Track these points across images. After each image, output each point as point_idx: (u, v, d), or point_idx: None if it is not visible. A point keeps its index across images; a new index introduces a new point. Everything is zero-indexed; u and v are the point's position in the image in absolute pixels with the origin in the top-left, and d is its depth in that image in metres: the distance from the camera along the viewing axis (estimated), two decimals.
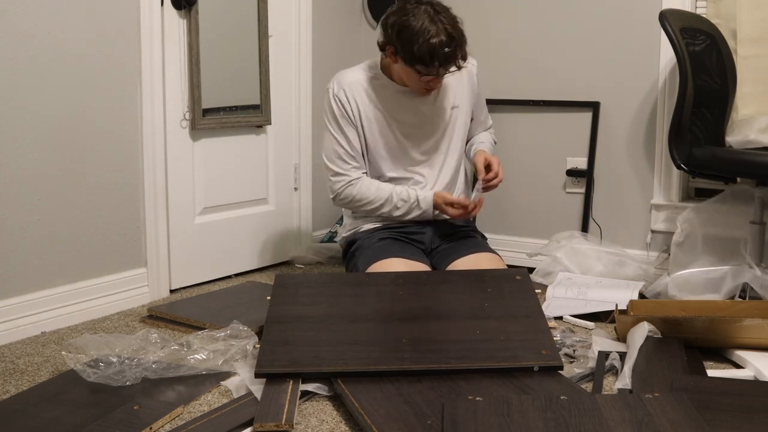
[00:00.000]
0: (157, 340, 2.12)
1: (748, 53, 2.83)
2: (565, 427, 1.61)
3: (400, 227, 2.58)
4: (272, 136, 3.26)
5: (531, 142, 3.32)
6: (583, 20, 3.18)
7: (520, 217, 3.34)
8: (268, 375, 1.91)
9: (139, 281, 2.76)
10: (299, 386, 1.88)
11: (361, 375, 1.91)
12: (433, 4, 2.32)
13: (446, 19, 2.29)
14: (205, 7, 2.87)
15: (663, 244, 3.10)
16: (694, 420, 1.62)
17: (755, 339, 2.13)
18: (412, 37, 2.26)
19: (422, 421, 1.70)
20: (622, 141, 3.17)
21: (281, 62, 3.26)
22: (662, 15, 2.63)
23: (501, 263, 2.49)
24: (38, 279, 2.44)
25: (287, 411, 1.74)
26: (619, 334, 2.29)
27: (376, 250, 2.48)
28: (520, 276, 2.34)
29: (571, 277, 2.91)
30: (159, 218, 2.80)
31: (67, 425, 1.72)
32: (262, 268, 3.26)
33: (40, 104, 2.40)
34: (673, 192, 3.09)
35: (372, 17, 3.65)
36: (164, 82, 2.78)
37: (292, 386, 1.87)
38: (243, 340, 2.14)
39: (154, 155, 2.75)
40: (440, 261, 2.54)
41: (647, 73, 3.08)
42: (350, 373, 1.92)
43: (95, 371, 1.96)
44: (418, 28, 2.26)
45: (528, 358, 1.95)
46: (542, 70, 3.27)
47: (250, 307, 2.59)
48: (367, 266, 2.45)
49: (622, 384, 1.91)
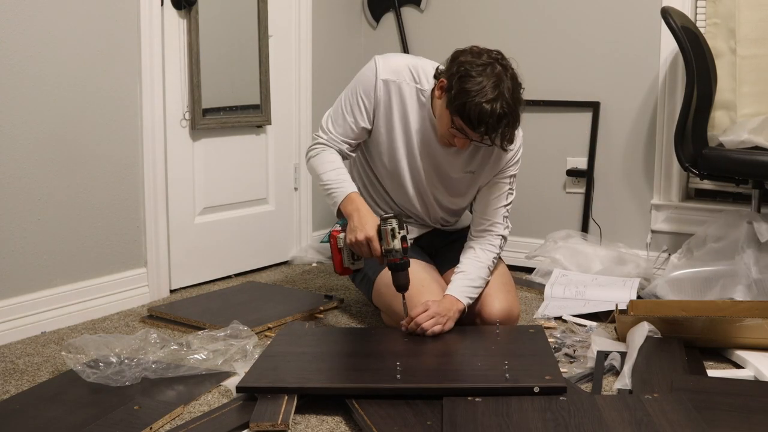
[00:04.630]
0: (157, 340, 2.12)
1: (748, 53, 2.83)
2: (564, 427, 1.61)
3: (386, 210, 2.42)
4: (272, 136, 3.26)
5: (531, 141, 3.29)
6: (583, 20, 3.18)
7: (521, 217, 3.33)
8: (251, 390, 1.84)
9: (139, 281, 2.76)
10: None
11: (349, 395, 1.82)
12: (509, 72, 2.06)
13: (510, 94, 2.03)
14: (205, 7, 2.87)
15: (663, 244, 3.10)
16: (694, 420, 1.62)
17: (755, 339, 2.13)
18: (470, 89, 2.00)
19: (422, 421, 1.70)
20: (622, 141, 3.17)
21: (281, 62, 3.26)
22: (665, 11, 2.63)
23: (501, 264, 2.46)
24: (38, 279, 2.44)
25: (284, 411, 1.73)
26: (619, 334, 2.29)
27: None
28: (533, 329, 2.23)
29: (567, 274, 2.91)
30: (159, 218, 2.80)
31: (67, 425, 1.72)
32: (262, 268, 3.26)
33: (40, 104, 2.40)
34: (673, 192, 3.09)
35: (372, 17, 3.65)
36: (164, 82, 2.78)
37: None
38: (243, 340, 2.14)
39: (154, 155, 2.75)
40: (441, 265, 2.45)
41: (647, 73, 3.08)
42: (337, 390, 1.84)
43: (95, 371, 1.96)
44: (481, 83, 2.00)
45: (529, 381, 1.81)
46: (542, 70, 3.27)
47: (250, 307, 2.59)
48: (377, 273, 2.34)
49: (621, 384, 1.91)
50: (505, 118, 2.02)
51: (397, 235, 2.10)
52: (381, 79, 2.24)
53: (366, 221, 2.13)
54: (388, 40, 3.62)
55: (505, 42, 3.32)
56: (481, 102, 1.99)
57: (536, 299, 2.80)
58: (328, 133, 2.29)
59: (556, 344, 2.23)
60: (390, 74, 2.25)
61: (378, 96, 2.25)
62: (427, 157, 2.30)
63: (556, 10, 3.23)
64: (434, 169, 2.32)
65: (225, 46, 3.03)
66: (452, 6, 3.45)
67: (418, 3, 3.53)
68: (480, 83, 2.01)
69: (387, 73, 2.25)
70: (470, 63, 2.04)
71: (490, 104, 1.99)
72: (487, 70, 2.03)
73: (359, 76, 2.29)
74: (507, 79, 2.04)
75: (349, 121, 2.27)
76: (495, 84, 2.01)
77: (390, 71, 2.25)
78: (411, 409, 1.75)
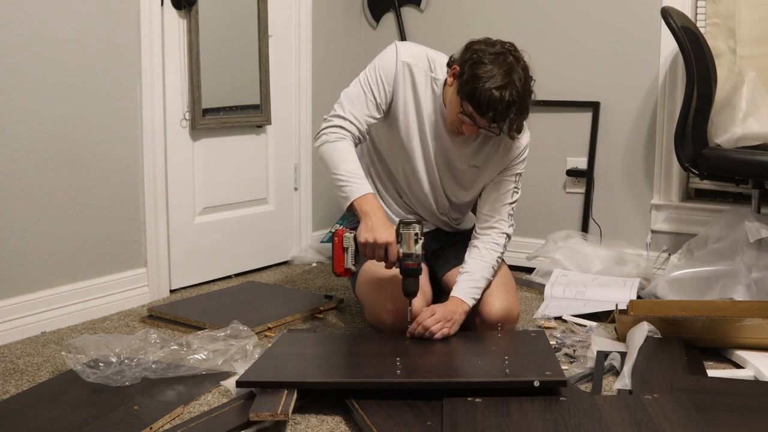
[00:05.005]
0: (157, 340, 2.12)
1: (748, 53, 2.83)
2: (564, 427, 1.61)
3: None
4: (272, 136, 3.26)
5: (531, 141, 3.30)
6: (583, 20, 3.18)
7: (521, 217, 3.31)
8: (251, 384, 1.85)
9: (139, 281, 2.76)
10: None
11: (349, 390, 1.82)
12: (521, 63, 2.08)
13: (521, 84, 2.05)
14: (205, 7, 2.87)
15: (663, 244, 3.10)
16: (694, 420, 1.62)
17: (755, 339, 2.13)
18: (481, 75, 2.03)
19: (422, 421, 1.70)
20: (622, 141, 3.17)
21: (281, 62, 3.26)
22: (665, 11, 2.62)
23: (502, 264, 2.45)
24: (38, 279, 2.44)
25: (283, 403, 1.73)
26: (619, 334, 2.29)
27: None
28: (535, 333, 2.23)
29: (567, 274, 2.91)
30: (159, 218, 2.80)
31: (67, 425, 1.72)
32: (262, 268, 3.26)
33: (40, 104, 2.40)
34: (673, 192, 3.09)
35: (372, 17, 3.65)
36: (164, 82, 2.78)
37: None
38: (243, 340, 2.14)
39: (154, 155, 2.75)
40: (440, 267, 2.45)
41: (647, 73, 3.08)
42: (337, 385, 1.85)
43: (95, 371, 1.96)
44: (492, 71, 2.03)
45: (529, 376, 1.82)
46: (542, 70, 3.23)
47: (250, 307, 2.59)
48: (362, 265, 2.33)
49: (621, 384, 1.91)
50: (514, 105, 2.04)
51: (420, 240, 2.08)
52: (402, 61, 2.24)
53: (384, 224, 2.09)
54: (388, 40, 3.60)
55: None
56: (491, 88, 2.01)
57: (536, 299, 2.80)
58: (345, 112, 2.23)
59: (556, 344, 2.24)
60: (410, 58, 2.25)
61: (398, 76, 2.24)
62: (437, 141, 2.30)
63: (557, 10, 3.23)
64: (443, 156, 2.32)
65: (225, 46, 3.03)
66: (452, 6, 3.45)
67: (418, 3, 3.53)
68: (491, 70, 2.03)
69: (407, 57, 2.25)
70: (483, 51, 2.07)
71: (500, 91, 2.01)
72: (499, 58, 2.05)
73: (380, 58, 2.28)
74: (518, 69, 2.06)
75: (369, 98, 2.24)
76: (506, 72, 2.03)
77: (410, 55, 2.26)
78: (411, 409, 1.75)
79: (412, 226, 2.08)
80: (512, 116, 2.06)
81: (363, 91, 2.25)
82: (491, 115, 2.04)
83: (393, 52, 2.26)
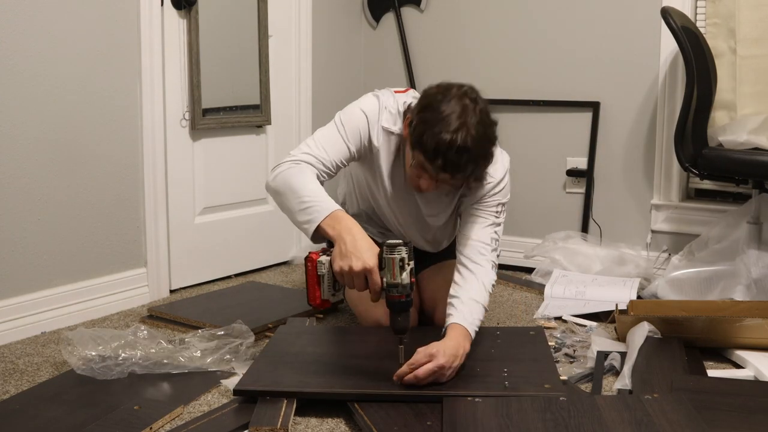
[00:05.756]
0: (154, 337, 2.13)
1: (748, 53, 2.82)
2: (564, 427, 1.61)
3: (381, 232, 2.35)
4: (272, 136, 3.26)
5: (531, 142, 3.32)
6: (584, 20, 3.18)
7: (520, 217, 3.33)
8: (249, 393, 1.83)
9: (139, 281, 2.76)
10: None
11: (348, 399, 1.80)
12: (478, 107, 1.88)
13: (477, 127, 1.84)
14: (205, 7, 2.87)
15: (663, 244, 3.10)
16: (694, 420, 1.62)
17: (755, 339, 2.13)
18: (430, 120, 1.84)
19: (422, 421, 1.70)
20: (622, 141, 3.17)
21: (281, 62, 3.26)
22: (665, 11, 2.62)
23: None
24: (38, 279, 2.44)
25: (283, 414, 1.73)
26: (619, 334, 2.29)
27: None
28: (533, 331, 2.23)
29: (567, 274, 2.91)
30: (159, 218, 2.80)
31: (67, 425, 1.72)
32: (262, 268, 3.26)
33: (40, 104, 2.40)
34: (673, 192, 3.09)
35: (372, 17, 3.65)
36: (164, 82, 2.78)
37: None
38: (242, 340, 2.14)
39: (154, 155, 2.75)
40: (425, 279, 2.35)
41: (647, 73, 3.08)
42: (336, 396, 1.83)
43: (90, 366, 1.98)
44: (442, 115, 1.83)
45: (528, 389, 1.80)
46: (542, 70, 3.27)
47: (250, 307, 2.59)
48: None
49: (621, 384, 1.91)
50: (467, 152, 1.82)
51: (407, 267, 1.74)
52: (382, 126, 2.06)
53: (360, 246, 1.77)
54: (388, 40, 3.62)
55: (505, 42, 3.33)
56: (439, 132, 1.82)
57: (536, 299, 2.80)
58: (313, 150, 2.00)
59: (556, 344, 2.23)
60: (386, 122, 2.07)
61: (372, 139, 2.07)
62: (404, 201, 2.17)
63: (557, 10, 3.23)
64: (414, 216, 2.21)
65: (225, 46, 3.03)
66: (452, 6, 3.45)
67: (418, 3, 3.53)
68: (441, 112, 1.84)
69: (384, 120, 2.07)
70: (434, 95, 1.90)
71: (450, 135, 1.81)
72: (451, 102, 1.86)
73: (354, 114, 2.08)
74: (474, 113, 1.86)
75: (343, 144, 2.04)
76: (459, 115, 1.84)
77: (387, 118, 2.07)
78: (411, 409, 1.75)
79: (398, 250, 1.73)
80: (465, 163, 1.85)
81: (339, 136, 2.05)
82: (440, 162, 1.83)
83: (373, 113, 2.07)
